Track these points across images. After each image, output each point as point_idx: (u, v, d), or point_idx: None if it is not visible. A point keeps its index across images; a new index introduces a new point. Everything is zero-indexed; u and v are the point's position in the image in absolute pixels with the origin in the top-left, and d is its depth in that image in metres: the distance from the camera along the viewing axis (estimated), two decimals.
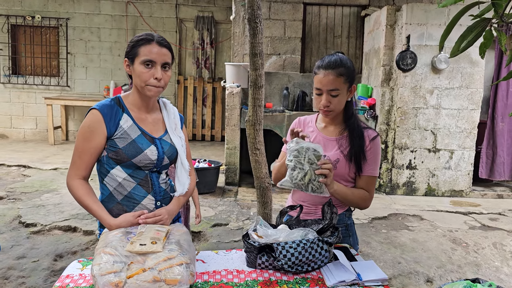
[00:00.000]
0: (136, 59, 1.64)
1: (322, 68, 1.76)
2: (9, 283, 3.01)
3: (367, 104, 5.74)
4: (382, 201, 5.28)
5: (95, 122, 1.64)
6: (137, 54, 1.63)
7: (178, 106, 8.83)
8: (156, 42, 1.64)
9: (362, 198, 1.83)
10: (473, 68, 5.41)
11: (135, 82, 1.68)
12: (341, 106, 1.80)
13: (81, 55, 8.68)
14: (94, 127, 1.64)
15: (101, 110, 1.65)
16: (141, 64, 1.62)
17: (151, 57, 1.62)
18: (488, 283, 2.09)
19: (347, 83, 1.77)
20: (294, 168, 1.64)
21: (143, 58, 1.62)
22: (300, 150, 1.62)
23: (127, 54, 1.67)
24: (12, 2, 8.46)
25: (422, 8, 5.29)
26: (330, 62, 1.75)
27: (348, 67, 1.77)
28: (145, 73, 1.62)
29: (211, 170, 5.32)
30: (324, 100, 1.77)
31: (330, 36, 6.72)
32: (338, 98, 1.76)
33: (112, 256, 1.36)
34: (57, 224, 4.06)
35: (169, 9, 8.63)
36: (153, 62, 1.63)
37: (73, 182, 1.67)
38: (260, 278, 1.53)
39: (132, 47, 1.65)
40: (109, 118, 1.65)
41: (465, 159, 5.57)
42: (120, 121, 1.67)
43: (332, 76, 1.74)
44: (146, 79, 1.63)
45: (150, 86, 1.64)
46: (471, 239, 4.07)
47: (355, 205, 1.86)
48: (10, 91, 8.71)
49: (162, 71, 1.65)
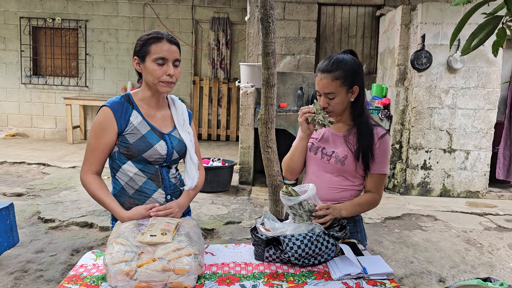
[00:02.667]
0: (147, 57, 1.68)
1: (319, 71, 1.80)
2: (28, 276, 3.11)
3: (382, 104, 5.72)
4: (396, 201, 5.26)
5: (106, 119, 1.69)
6: (148, 52, 1.68)
7: (194, 106, 8.93)
8: (166, 40, 1.69)
9: (370, 204, 1.88)
10: (489, 68, 5.34)
11: (147, 80, 1.72)
12: (341, 107, 1.82)
13: (99, 56, 8.85)
14: (105, 124, 1.69)
15: (111, 107, 1.70)
16: (153, 61, 1.67)
17: (163, 54, 1.67)
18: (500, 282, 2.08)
19: (344, 86, 1.78)
20: (294, 219, 1.71)
21: (155, 56, 1.67)
22: (293, 206, 1.68)
23: (137, 53, 1.71)
24: (33, 5, 8.68)
25: (438, 7, 5.25)
26: (328, 65, 1.78)
27: (346, 70, 1.77)
28: (158, 70, 1.67)
29: (224, 169, 5.37)
30: (322, 101, 1.81)
31: (345, 36, 6.72)
32: (336, 101, 1.79)
33: (123, 246, 1.41)
34: (74, 220, 4.17)
35: (185, 11, 8.73)
36: (165, 59, 1.68)
37: (86, 177, 1.73)
38: (267, 270, 1.56)
39: (142, 46, 1.69)
40: (120, 114, 1.70)
41: (481, 160, 5.49)
42: (130, 117, 1.72)
43: (327, 80, 1.77)
44: (159, 76, 1.68)
45: (163, 83, 1.69)
46: (485, 240, 4.02)
47: (366, 211, 1.93)
48: (31, 91, 8.93)
49: (173, 67, 1.70)
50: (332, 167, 1.85)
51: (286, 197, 1.68)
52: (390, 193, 5.62)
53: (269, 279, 1.49)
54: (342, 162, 1.83)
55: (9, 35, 8.76)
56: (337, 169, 1.84)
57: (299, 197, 1.66)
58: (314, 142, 1.92)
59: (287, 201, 1.68)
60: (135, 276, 1.35)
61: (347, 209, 1.80)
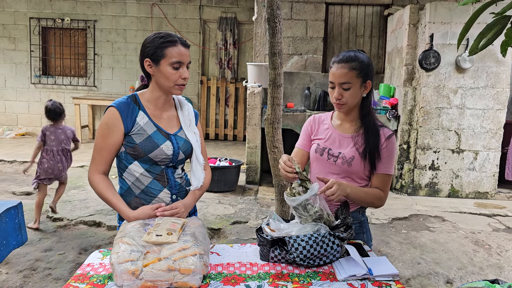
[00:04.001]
0: (162, 61, 1.69)
1: (336, 62, 1.81)
2: (37, 274, 3.14)
3: (389, 104, 5.69)
4: (403, 201, 5.23)
5: (113, 119, 1.71)
6: (164, 56, 1.69)
7: (201, 106, 8.95)
8: (181, 43, 1.71)
9: (376, 197, 1.84)
10: (499, 67, 5.29)
11: (160, 82, 1.73)
12: (354, 101, 1.82)
13: (108, 56, 8.91)
14: (112, 124, 1.71)
15: (118, 108, 1.71)
16: (169, 65, 1.69)
17: (180, 58, 1.70)
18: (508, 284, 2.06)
19: (359, 77, 1.78)
20: (300, 221, 1.70)
21: (172, 60, 1.68)
22: (297, 208, 1.68)
23: (150, 55, 1.70)
24: (43, 6, 8.77)
25: (446, 6, 5.21)
26: (344, 56, 1.80)
27: (362, 62, 1.79)
28: (174, 74, 1.70)
29: (231, 169, 5.38)
30: (336, 92, 1.80)
31: (352, 35, 6.69)
32: (350, 92, 1.79)
33: (129, 246, 1.42)
34: (82, 219, 4.20)
35: (193, 11, 8.75)
36: (181, 63, 1.71)
37: (94, 177, 1.75)
38: (273, 271, 1.56)
39: (156, 48, 1.69)
40: (126, 115, 1.72)
41: (490, 160, 5.45)
42: (137, 118, 1.73)
43: (344, 69, 1.78)
44: (176, 80, 1.70)
45: (177, 86, 1.72)
46: (494, 241, 3.99)
47: (370, 205, 1.88)
48: (40, 91, 9.02)
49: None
50: (338, 168, 1.84)
51: (290, 198, 1.68)
52: (397, 193, 5.60)
53: (274, 279, 1.50)
54: (349, 163, 1.82)
55: (19, 35, 8.86)
56: (343, 170, 1.84)
57: (300, 197, 1.65)
58: (320, 143, 1.91)
59: (291, 202, 1.68)
60: (141, 275, 1.36)
61: (353, 190, 1.75)
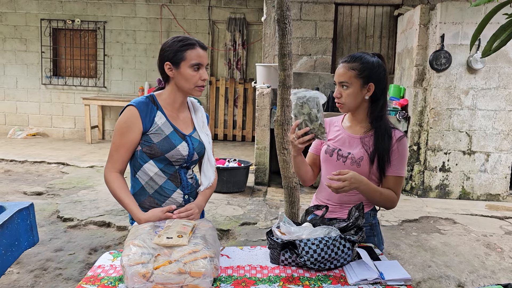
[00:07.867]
0: (182, 63, 1.74)
1: (341, 62, 1.84)
2: (47, 274, 3.17)
3: (399, 105, 5.65)
4: (413, 203, 5.19)
5: (132, 118, 1.74)
6: (184, 58, 1.74)
7: (210, 106, 8.97)
8: (199, 46, 1.77)
9: (389, 198, 1.82)
10: (511, 68, 5.23)
11: (181, 84, 1.77)
12: (353, 101, 1.81)
13: (117, 57, 8.96)
14: (130, 123, 1.74)
15: (137, 107, 1.75)
16: (190, 67, 1.74)
17: (200, 60, 1.75)
18: None
19: (359, 78, 1.78)
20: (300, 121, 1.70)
21: (193, 62, 1.73)
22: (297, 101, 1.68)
23: (170, 59, 1.75)
24: (54, 7, 8.84)
25: (457, 6, 5.16)
26: (349, 56, 1.82)
27: (365, 64, 1.78)
28: (195, 76, 1.75)
29: (240, 170, 5.37)
30: (336, 91, 1.83)
31: (362, 36, 6.65)
32: (348, 92, 1.79)
33: (140, 248, 1.42)
34: (92, 219, 4.23)
35: (202, 11, 8.77)
36: (201, 65, 1.76)
37: (109, 175, 1.77)
38: (283, 274, 1.55)
39: (176, 52, 1.74)
40: (145, 114, 1.75)
41: (502, 162, 5.38)
42: (155, 118, 1.77)
43: (343, 69, 1.80)
44: (196, 81, 1.75)
45: (198, 87, 1.77)
46: (506, 244, 3.94)
47: (382, 205, 1.86)
48: (51, 92, 9.10)
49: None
50: (347, 169, 1.83)
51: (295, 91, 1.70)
52: (407, 195, 5.55)
53: (285, 282, 1.49)
54: (358, 164, 1.81)
55: (30, 36, 8.95)
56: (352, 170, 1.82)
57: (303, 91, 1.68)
58: (330, 144, 1.91)
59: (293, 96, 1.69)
60: (151, 278, 1.36)
61: (368, 187, 1.72)
